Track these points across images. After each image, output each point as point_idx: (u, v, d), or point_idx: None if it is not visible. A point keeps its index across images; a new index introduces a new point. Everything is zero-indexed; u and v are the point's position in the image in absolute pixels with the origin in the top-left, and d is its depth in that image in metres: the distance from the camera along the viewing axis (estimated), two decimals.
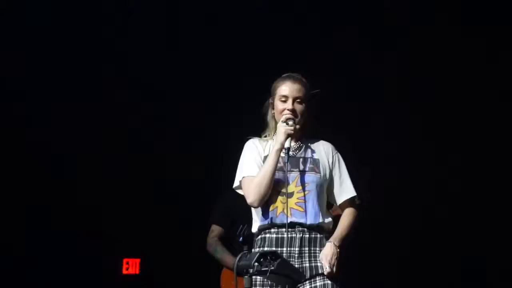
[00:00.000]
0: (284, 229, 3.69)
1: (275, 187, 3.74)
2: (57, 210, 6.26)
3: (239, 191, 3.92)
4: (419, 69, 6.47)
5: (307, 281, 3.68)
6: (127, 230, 6.40)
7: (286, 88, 3.84)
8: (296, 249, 3.70)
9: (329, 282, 3.69)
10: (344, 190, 3.93)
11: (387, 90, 6.56)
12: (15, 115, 6.17)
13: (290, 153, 3.78)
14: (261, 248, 3.71)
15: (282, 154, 3.74)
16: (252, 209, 3.85)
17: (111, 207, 6.41)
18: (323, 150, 3.93)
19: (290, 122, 3.77)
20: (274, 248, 3.66)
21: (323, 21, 6.44)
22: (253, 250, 3.71)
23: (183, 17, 6.40)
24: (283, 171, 3.75)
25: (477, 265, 6.54)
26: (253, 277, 3.53)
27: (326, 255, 3.71)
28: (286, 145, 3.73)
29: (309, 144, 3.90)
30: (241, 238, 3.44)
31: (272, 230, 3.73)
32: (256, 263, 3.30)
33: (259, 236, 3.77)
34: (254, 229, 3.83)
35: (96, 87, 6.35)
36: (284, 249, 3.66)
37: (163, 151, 6.54)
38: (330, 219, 3.85)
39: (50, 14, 6.10)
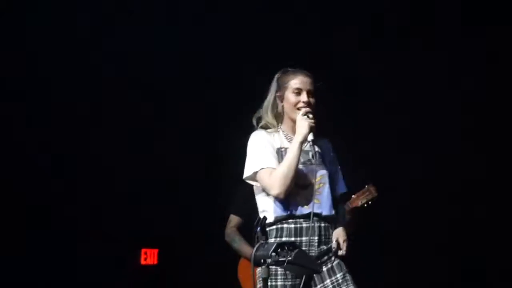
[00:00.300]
0: (302, 220, 3.78)
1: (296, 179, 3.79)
2: (74, 200, 6.27)
3: (251, 182, 3.94)
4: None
5: (323, 264, 3.79)
6: (145, 221, 6.41)
7: (300, 81, 3.91)
8: (316, 237, 3.79)
9: (341, 261, 3.82)
10: (339, 185, 4.04)
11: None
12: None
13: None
14: (278, 238, 3.76)
15: (308, 148, 3.83)
16: (262, 199, 3.90)
17: (128, 197, 6.43)
18: (324, 145, 4.02)
19: (311, 115, 3.83)
20: (293, 238, 3.74)
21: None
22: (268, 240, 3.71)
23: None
24: (304, 164, 3.84)
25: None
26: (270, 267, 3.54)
27: (344, 239, 3.83)
28: (309, 138, 3.80)
29: (312, 139, 3.91)
30: (258, 228, 3.43)
31: (290, 220, 3.79)
32: (273, 254, 3.30)
33: (275, 226, 3.81)
34: (267, 220, 3.82)
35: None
36: (304, 238, 3.76)
37: (179, 144, 6.57)
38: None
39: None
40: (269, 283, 3.63)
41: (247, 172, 3.89)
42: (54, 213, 6.23)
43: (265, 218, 3.51)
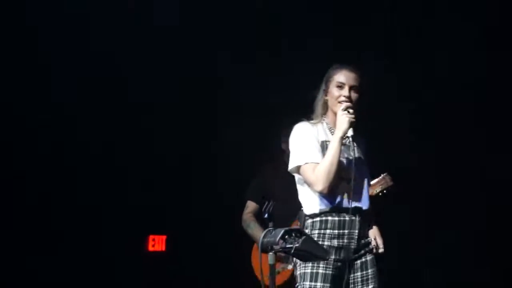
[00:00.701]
0: (345, 213, 3.86)
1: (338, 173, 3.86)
2: (84, 187, 6.29)
3: (295, 174, 4.01)
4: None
5: (357, 257, 3.93)
6: (153, 207, 6.44)
7: (343, 76, 3.97)
8: (356, 231, 3.88)
9: (374, 258, 3.96)
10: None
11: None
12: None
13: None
14: (323, 230, 3.86)
15: (348, 143, 3.90)
16: (306, 191, 3.96)
17: (138, 183, 6.46)
18: (360, 141, 4.08)
19: (351, 111, 3.88)
20: (336, 231, 3.85)
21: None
22: (311, 231, 3.86)
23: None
24: (346, 158, 3.92)
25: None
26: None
27: (381, 238, 4.12)
28: (349, 133, 3.86)
29: (352, 134, 3.95)
30: (266, 215, 3.45)
31: (334, 213, 3.87)
32: (281, 240, 3.31)
33: (319, 218, 3.89)
34: (311, 211, 3.92)
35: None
36: (346, 231, 3.87)
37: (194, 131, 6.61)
38: None
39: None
40: (310, 271, 3.79)
41: (291, 165, 3.97)
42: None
43: (272, 204, 3.53)
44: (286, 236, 3.33)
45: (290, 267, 5.36)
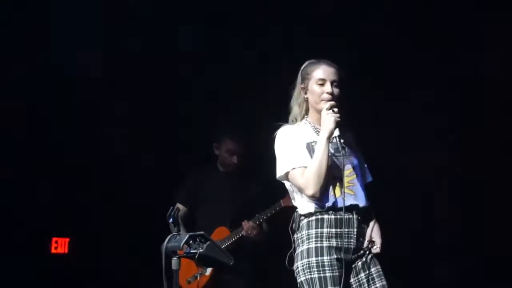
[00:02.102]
0: (342, 212, 3.76)
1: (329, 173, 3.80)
2: None
3: (284, 181, 3.94)
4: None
5: (359, 258, 3.85)
6: (56, 209, 6.31)
7: (323, 71, 3.89)
8: (355, 230, 3.81)
9: (375, 258, 3.88)
10: (367, 174, 4.08)
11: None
12: None
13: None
14: (320, 229, 3.78)
15: (335, 140, 3.82)
16: (300, 194, 3.87)
17: (40, 185, 6.32)
18: (349, 136, 4.00)
19: (336, 109, 3.81)
20: (333, 229, 3.77)
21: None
22: (307, 231, 3.80)
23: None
24: (335, 156, 3.83)
25: None
26: (320, 258, 3.71)
27: (379, 236, 3.92)
28: (336, 133, 3.80)
29: (338, 134, 3.88)
30: (171, 219, 3.43)
31: (330, 212, 3.79)
32: (185, 245, 3.31)
33: (314, 217, 3.81)
34: (305, 210, 3.85)
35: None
36: (345, 230, 3.78)
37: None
38: None
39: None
40: (317, 275, 3.70)
41: (279, 172, 3.89)
42: None
43: (178, 209, 3.51)
44: (191, 241, 3.35)
45: (208, 272, 5.38)
